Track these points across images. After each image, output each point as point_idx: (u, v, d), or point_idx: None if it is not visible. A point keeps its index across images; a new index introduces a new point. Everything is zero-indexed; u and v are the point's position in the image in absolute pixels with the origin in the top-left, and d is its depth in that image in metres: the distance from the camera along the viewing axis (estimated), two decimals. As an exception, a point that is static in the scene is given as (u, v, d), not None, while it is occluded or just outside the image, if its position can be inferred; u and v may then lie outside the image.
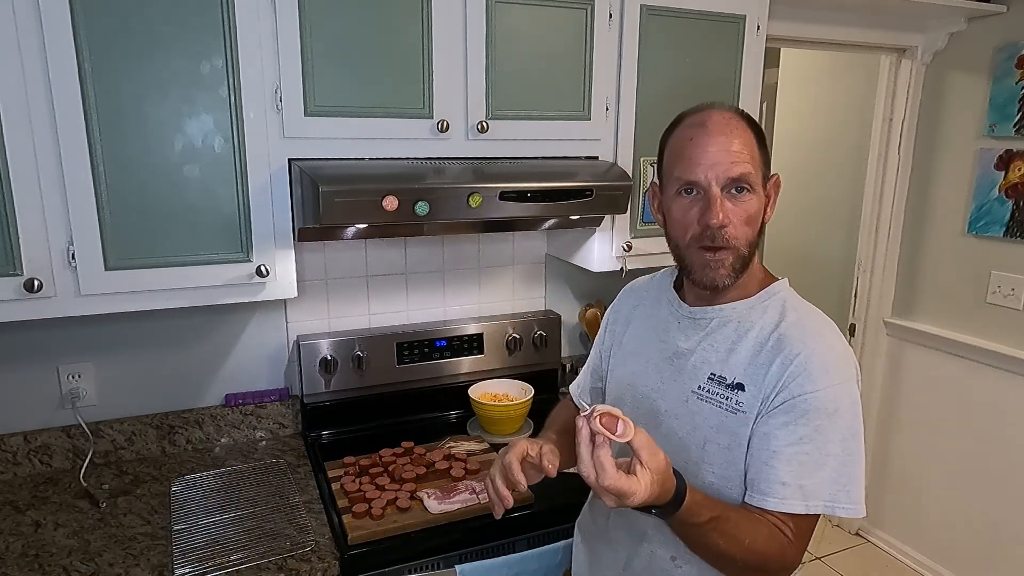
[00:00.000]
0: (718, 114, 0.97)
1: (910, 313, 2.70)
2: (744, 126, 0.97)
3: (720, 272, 0.97)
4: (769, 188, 1.00)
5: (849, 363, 0.95)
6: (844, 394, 0.92)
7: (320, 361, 1.76)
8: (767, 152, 0.99)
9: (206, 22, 1.28)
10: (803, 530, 0.93)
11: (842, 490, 0.92)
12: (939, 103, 2.52)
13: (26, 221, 1.23)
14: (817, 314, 1.01)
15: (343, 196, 1.30)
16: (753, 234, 0.98)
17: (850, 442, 0.92)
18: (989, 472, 2.46)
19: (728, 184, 0.95)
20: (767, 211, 1.00)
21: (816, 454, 0.91)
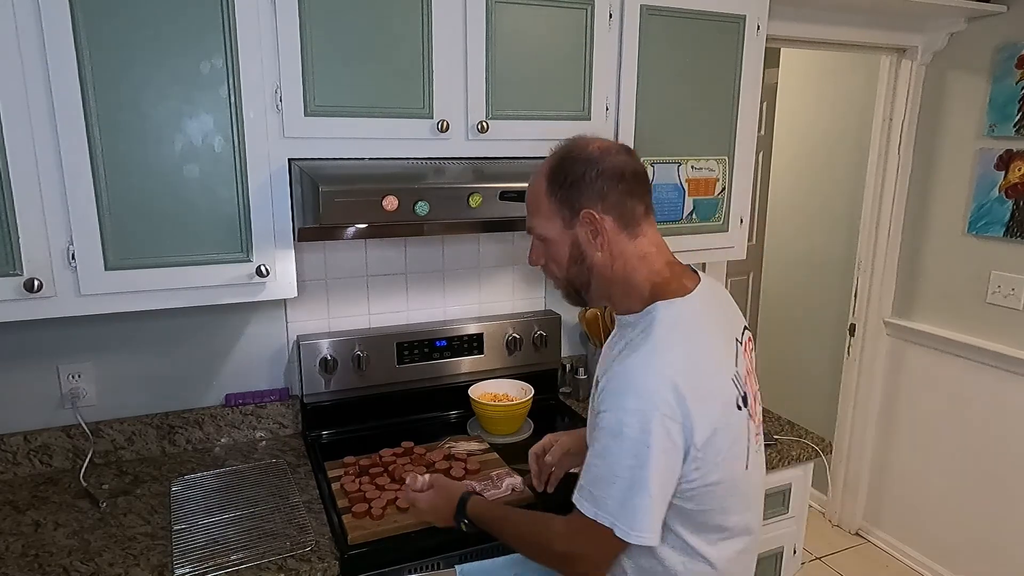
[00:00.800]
0: (537, 167, 1.09)
1: (910, 313, 2.70)
2: (540, 178, 1.07)
3: (561, 295, 1.14)
4: (581, 224, 1.04)
5: (649, 398, 0.93)
6: (633, 422, 0.93)
7: (320, 361, 1.76)
8: (570, 193, 1.03)
9: (206, 22, 1.28)
10: (584, 529, 0.99)
11: (626, 515, 0.95)
12: (939, 103, 2.52)
13: (26, 221, 1.23)
14: (660, 341, 0.98)
15: (343, 196, 1.30)
16: (564, 268, 1.08)
17: (636, 471, 0.94)
18: (989, 472, 2.46)
19: (530, 231, 1.10)
20: (591, 243, 1.04)
21: (606, 470, 0.96)
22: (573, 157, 1.04)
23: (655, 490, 0.95)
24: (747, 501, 1.09)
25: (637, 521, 0.95)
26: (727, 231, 1.91)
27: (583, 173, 1.02)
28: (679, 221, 1.83)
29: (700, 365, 0.99)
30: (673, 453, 0.95)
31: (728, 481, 1.03)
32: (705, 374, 0.99)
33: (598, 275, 1.07)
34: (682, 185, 1.81)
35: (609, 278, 1.06)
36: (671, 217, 1.82)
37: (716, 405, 0.98)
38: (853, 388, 2.89)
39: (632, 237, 1.05)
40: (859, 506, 2.97)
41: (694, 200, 1.83)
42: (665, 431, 0.94)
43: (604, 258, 1.05)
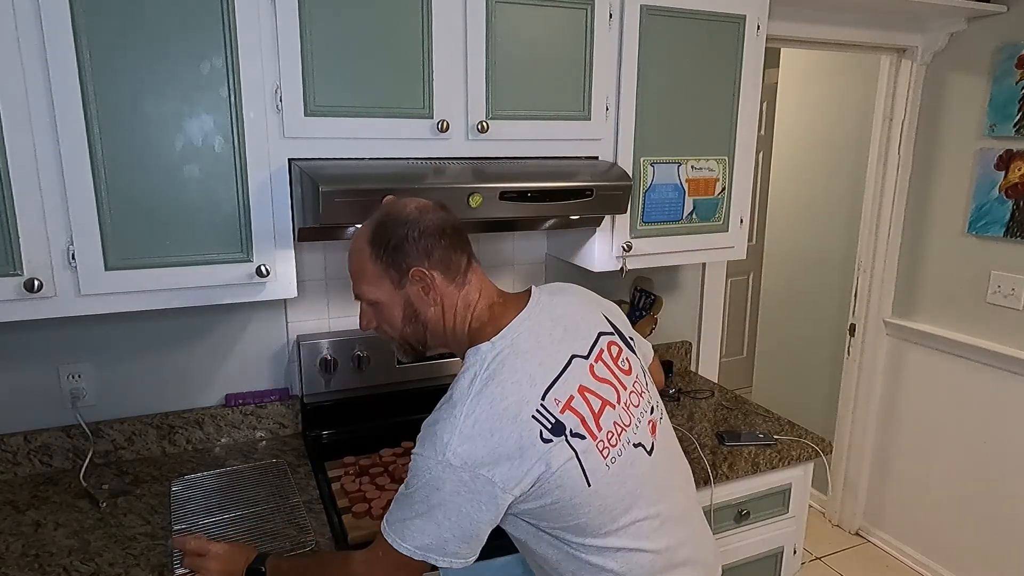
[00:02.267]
0: (353, 238, 1.12)
1: (910, 313, 2.70)
2: (362, 243, 1.09)
3: (399, 354, 1.19)
4: (412, 282, 1.07)
5: (442, 447, 0.97)
6: (421, 467, 0.99)
7: (320, 361, 1.76)
8: (395, 255, 1.06)
9: (206, 22, 1.28)
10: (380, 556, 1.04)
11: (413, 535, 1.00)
12: (939, 103, 2.52)
13: (26, 221, 1.23)
14: (462, 394, 1.01)
15: (343, 196, 1.30)
16: (398, 327, 1.11)
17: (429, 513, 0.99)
18: (989, 472, 2.46)
19: (358, 298, 1.13)
20: (424, 299, 1.08)
21: (405, 502, 1.02)
22: (393, 220, 1.07)
23: (458, 530, 0.99)
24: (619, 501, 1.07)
25: (407, 538, 1.00)
26: (727, 231, 1.91)
27: (405, 234, 1.06)
28: (679, 221, 1.83)
29: (493, 412, 0.99)
30: (476, 501, 0.98)
31: (569, 499, 1.02)
32: (500, 419, 0.99)
33: (433, 328, 1.11)
34: (682, 185, 1.81)
35: (443, 330, 1.11)
36: (671, 217, 1.82)
37: (510, 446, 0.98)
38: (853, 388, 2.89)
39: (459, 287, 1.09)
40: (859, 506, 2.97)
41: (694, 200, 1.83)
42: (459, 482, 0.97)
43: (437, 312, 1.09)
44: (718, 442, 1.78)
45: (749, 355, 4.11)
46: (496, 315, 1.10)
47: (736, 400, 2.09)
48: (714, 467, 1.65)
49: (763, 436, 1.78)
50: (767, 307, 3.51)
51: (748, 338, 4.19)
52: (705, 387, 2.22)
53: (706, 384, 2.26)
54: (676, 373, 2.32)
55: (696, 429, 1.86)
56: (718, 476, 1.63)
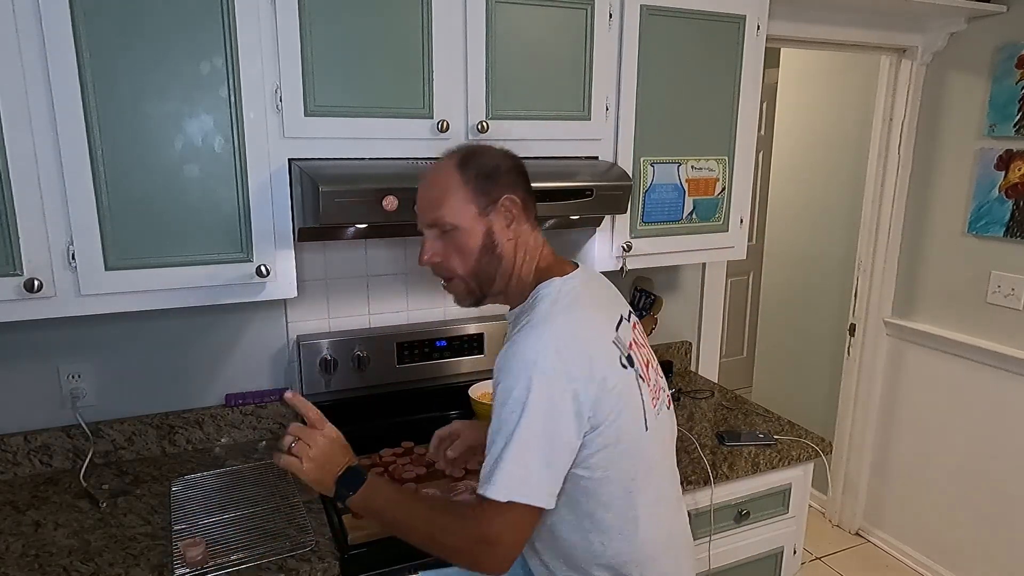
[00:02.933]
0: (429, 167, 1.12)
1: (910, 313, 2.70)
2: (450, 169, 1.08)
3: (457, 296, 1.14)
4: (500, 209, 1.08)
5: (531, 361, 0.97)
6: (517, 388, 0.97)
7: (320, 361, 1.76)
8: (486, 182, 1.07)
9: (206, 22, 1.28)
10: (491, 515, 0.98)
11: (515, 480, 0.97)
12: (939, 103, 2.52)
13: (26, 221, 1.23)
14: (545, 314, 1.03)
15: (343, 196, 1.30)
16: (472, 262, 1.08)
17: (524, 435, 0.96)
18: (989, 472, 2.46)
19: (431, 226, 1.09)
20: (504, 230, 1.09)
21: (497, 443, 0.98)
22: (481, 151, 1.10)
23: (545, 450, 0.97)
24: (651, 466, 1.10)
25: (524, 484, 0.97)
26: (727, 231, 1.91)
27: (496, 165, 1.09)
28: (679, 221, 1.83)
29: (579, 331, 1.02)
30: (562, 416, 0.98)
31: (628, 442, 1.05)
32: (585, 338, 1.02)
33: (504, 266, 1.10)
34: (682, 185, 1.81)
35: (510, 270, 1.11)
36: (671, 217, 1.82)
37: (599, 364, 1.01)
38: (853, 388, 2.89)
39: (532, 227, 1.13)
40: (859, 506, 2.97)
41: (694, 200, 1.83)
42: (550, 392, 0.97)
43: (510, 248, 1.10)
44: (718, 442, 1.78)
45: (749, 355, 4.11)
46: (559, 262, 1.14)
47: (736, 400, 2.09)
48: (714, 467, 1.65)
49: (763, 436, 1.78)
50: (767, 307, 3.51)
51: (748, 338, 4.19)
52: (705, 387, 2.22)
53: (706, 384, 2.26)
54: (676, 373, 2.32)
55: (696, 429, 1.86)
56: (718, 476, 1.63)
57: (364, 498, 1.07)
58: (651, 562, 1.12)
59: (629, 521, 1.08)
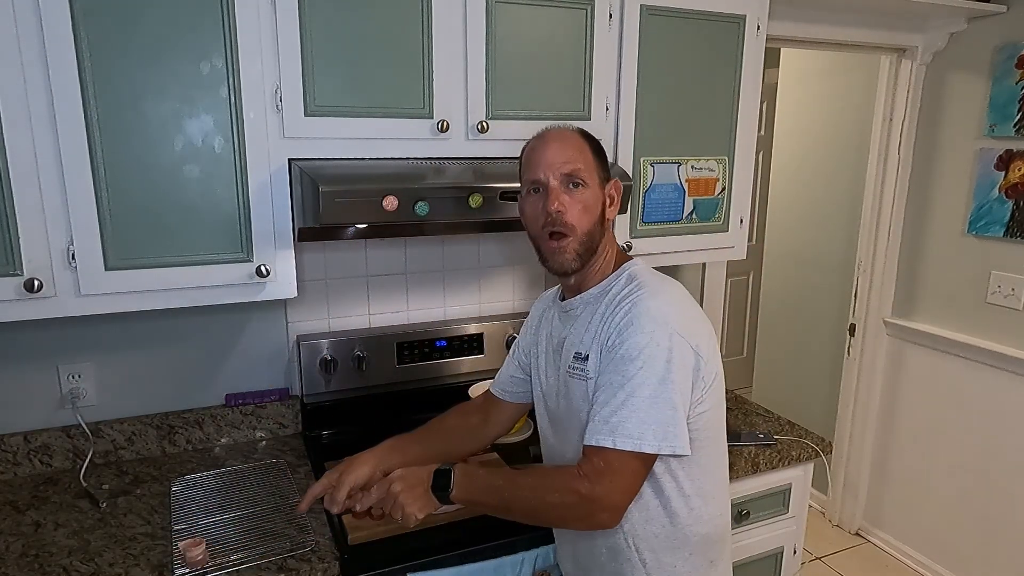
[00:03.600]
0: (556, 130, 1.16)
1: (910, 313, 2.70)
2: (578, 137, 1.14)
3: (566, 256, 1.12)
4: (609, 190, 1.16)
5: (658, 318, 1.03)
6: (651, 343, 1.02)
7: (320, 361, 1.76)
8: (603, 161, 1.15)
9: (206, 22, 1.28)
10: (612, 465, 1.01)
11: (649, 430, 1.00)
12: (939, 103, 2.52)
13: (26, 221, 1.23)
14: (655, 283, 1.11)
15: (343, 196, 1.30)
16: (591, 222, 1.12)
17: (658, 387, 1.01)
18: (989, 472, 2.46)
19: (563, 179, 1.11)
20: (609, 209, 1.15)
21: (623, 396, 1.01)
22: None
23: (677, 401, 1.02)
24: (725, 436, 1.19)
25: (661, 431, 1.00)
26: (727, 231, 1.91)
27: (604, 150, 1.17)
28: (679, 221, 1.83)
29: (688, 298, 1.12)
30: (687, 370, 1.04)
31: (721, 406, 1.14)
32: (693, 304, 1.12)
33: (605, 239, 1.16)
34: (682, 185, 1.81)
35: (607, 246, 1.17)
36: (671, 217, 1.82)
37: (708, 327, 1.10)
38: (853, 388, 2.89)
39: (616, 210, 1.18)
40: (859, 506, 2.97)
41: (694, 200, 1.83)
42: (680, 348, 1.02)
43: (608, 226, 1.17)
44: (718, 442, 1.78)
45: (749, 355, 4.11)
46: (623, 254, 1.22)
47: (736, 400, 2.09)
48: (714, 467, 1.65)
49: (763, 436, 1.78)
50: (767, 307, 3.51)
51: (748, 338, 4.19)
52: (705, 387, 2.21)
53: (706, 384, 2.25)
54: (676, 373, 2.32)
55: (696, 429, 1.86)
56: (718, 476, 1.63)
57: (461, 488, 1.07)
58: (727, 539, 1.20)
59: (720, 490, 1.16)
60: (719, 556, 1.18)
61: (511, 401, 1.40)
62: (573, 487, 1.01)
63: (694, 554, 1.14)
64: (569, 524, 1.09)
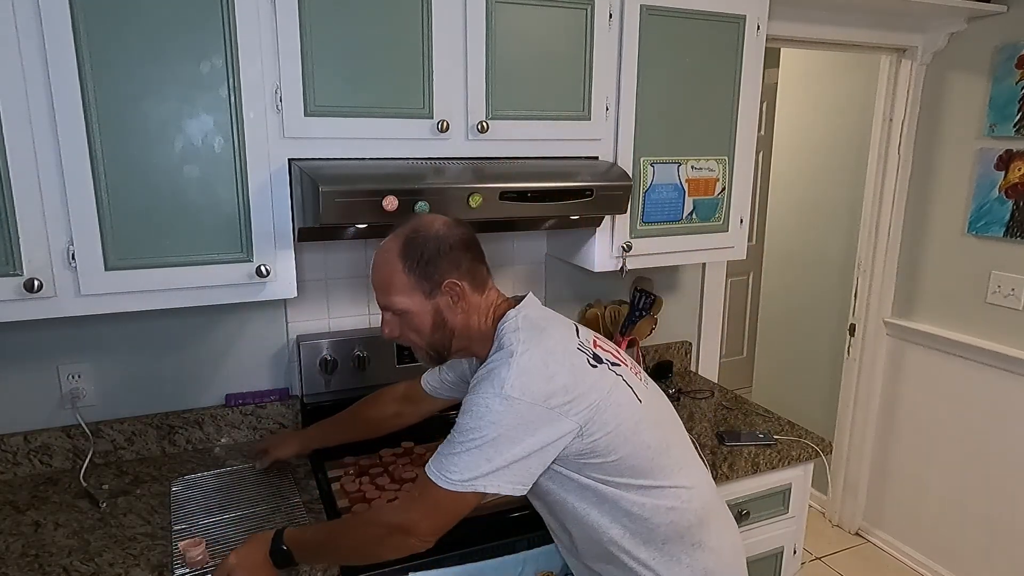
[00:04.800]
0: (379, 251, 1.17)
1: (910, 313, 2.70)
2: (393, 257, 1.14)
3: (424, 361, 1.24)
4: (444, 293, 1.15)
5: (498, 382, 1.06)
6: (478, 403, 1.06)
7: (320, 361, 1.76)
8: (428, 268, 1.13)
9: (206, 22, 1.28)
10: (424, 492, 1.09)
11: (454, 468, 1.06)
12: (939, 103, 2.52)
13: (26, 221, 1.23)
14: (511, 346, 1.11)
15: (343, 196, 1.30)
16: (427, 335, 1.17)
17: (477, 438, 1.05)
18: (989, 472, 2.46)
19: (385, 309, 1.17)
20: (452, 308, 1.16)
21: (449, 438, 1.09)
22: (423, 235, 1.14)
23: (490, 453, 1.04)
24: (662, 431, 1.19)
25: (464, 476, 1.05)
26: (727, 231, 1.91)
27: (437, 248, 1.14)
28: (679, 221, 1.83)
29: (545, 345, 1.11)
30: (522, 425, 1.05)
31: (627, 420, 1.12)
32: (551, 350, 1.11)
33: (459, 335, 1.19)
34: (682, 185, 1.81)
35: (468, 334, 1.19)
36: (671, 217, 1.82)
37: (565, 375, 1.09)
38: (853, 388, 2.89)
39: (481, 294, 1.19)
40: (859, 506, 2.97)
41: (694, 200, 1.83)
42: (512, 408, 1.04)
43: (463, 319, 1.17)
44: (718, 442, 1.78)
45: (749, 355, 4.10)
46: (507, 302, 1.22)
47: (736, 400, 2.09)
48: (714, 467, 1.65)
49: (763, 436, 1.79)
50: (767, 307, 3.51)
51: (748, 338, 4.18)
52: (705, 387, 2.22)
53: (706, 384, 2.26)
54: (676, 373, 2.32)
55: (696, 429, 1.86)
56: (718, 476, 1.63)
57: (292, 539, 1.17)
58: (706, 522, 1.20)
59: (667, 481, 1.17)
60: (704, 538, 1.19)
61: (438, 397, 1.49)
62: (383, 519, 1.12)
63: (668, 542, 1.17)
64: (387, 555, 1.14)
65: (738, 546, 1.27)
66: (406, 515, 1.10)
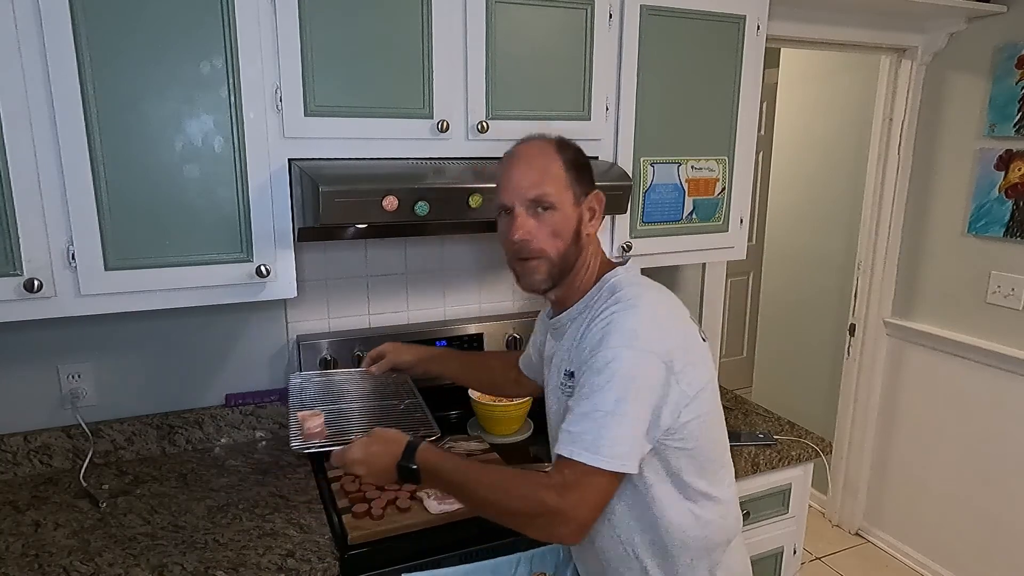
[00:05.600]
0: (526, 146, 1.11)
1: (910, 313, 2.70)
2: (551, 152, 1.09)
3: (536, 278, 1.11)
4: (589, 203, 1.11)
5: (630, 332, 1.00)
6: (615, 357, 0.99)
7: (320, 361, 1.76)
8: (582, 173, 1.10)
9: (206, 22, 1.28)
10: (579, 479, 0.97)
11: (604, 442, 0.97)
12: (939, 103, 2.52)
13: (26, 221, 1.23)
14: (632, 294, 1.07)
15: (343, 196, 1.30)
16: (563, 245, 1.09)
17: (623, 403, 0.98)
18: (989, 472, 2.46)
19: (529, 204, 1.07)
20: (588, 223, 1.11)
21: (588, 407, 0.99)
22: (573, 142, 1.11)
23: (633, 419, 0.98)
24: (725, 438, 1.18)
25: (613, 447, 0.97)
26: (727, 231, 1.91)
27: (587, 159, 1.11)
28: (679, 221, 1.83)
29: (670, 308, 1.09)
30: (654, 386, 1.00)
31: (714, 412, 1.11)
32: (676, 315, 1.09)
33: (582, 257, 1.12)
34: (682, 185, 1.81)
35: (586, 262, 1.13)
36: (671, 217, 1.82)
37: (690, 338, 1.07)
38: (853, 388, 2.89)
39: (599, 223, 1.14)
40: (859, 506, 2.97)
41: (694, 200, 1.83)
42: (646, 364, 0.99)
43: (588, 242, 1.13)
44: (718, 442, 1.78)
45: (749, 355, 4.11)
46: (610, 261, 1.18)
47: (736, 400, 2.09)
48: (714, 467, 1.65)
49: (763, 436, 1.78)
50: (767, 307, 3.51)
51: (748, 338, 4.19)
52: (705, 387, 2.21)
53: (706, 384, 2.25)
54: (676, 373, 2.32)
55: (696, 429, 1.86)
56: (718, 476, 1.63)
57: (427, 465, 1.06)
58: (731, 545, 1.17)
59: (723, 493, 1.14)
60: (720, 561, 1.15)
61: (526, 376, 1.46)
62: (539, 497, 0.98)
63: (696, 558, 1.12)
64: (527, 532, 1.03)
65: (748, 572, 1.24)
66: (563, 500, 0.96)
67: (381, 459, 1.08)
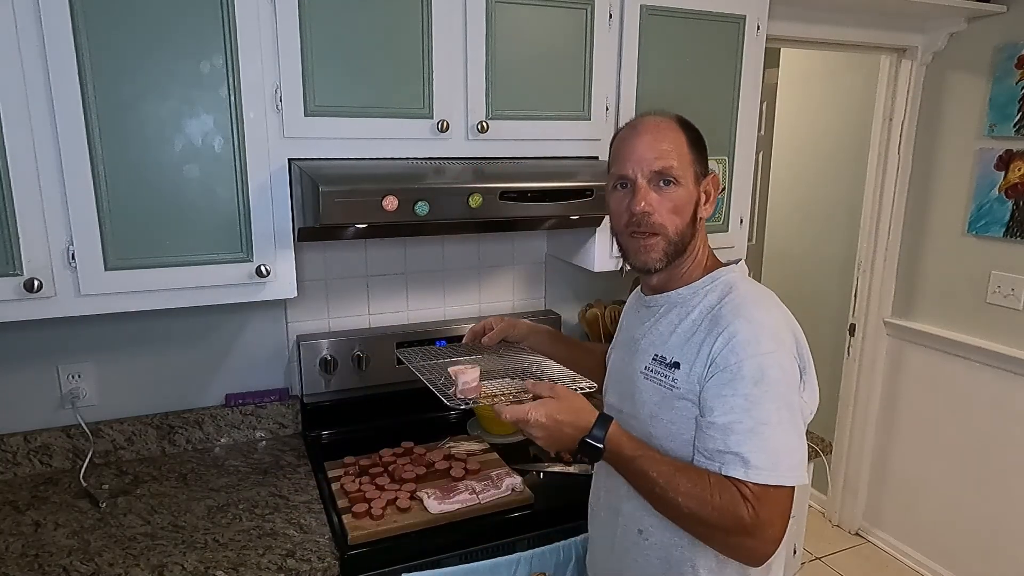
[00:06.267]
0: (650, 119, 1.08)
1: (910, 313, 2.70)
2: (675, 128, 1.07)
3: (652, 256, 1.06)
4: (706, 185, 1.09)
5: (777, 336, 0.98)
6: (770, 364, 0.96)
7: (320, 361, 1.76)
8: (702, 153, 1.08)
9: (206, 22, 1.28)
10: (763, 493, 0.94)
11: (779, 458, 0.94)
12: (939, 103, 2.52)
13: (26, 221, 1.23)
14: (758, 294, 1.05)
15: (343, 196, 1.30)
16: (682, 223, 1.05)
17: (782, 411, 0.96)
18: (989, 472, 2.46)
19: (653, 177, 1.04)
20: (703, 206, 1.08)
21: (750, 422, 0.95)
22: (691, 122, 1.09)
23: (799, 426, 0.98)
24: None
25: (790, 458, 0.95)
26: (727, 231, 1.91)
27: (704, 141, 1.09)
28: (679, 221, 1.83)
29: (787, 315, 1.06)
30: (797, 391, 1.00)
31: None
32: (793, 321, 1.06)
33: (696, 240, 1.09)
34: (682, 185, 1.80)
35: (697, 246, 1.10)
36: (671, 217, 1.81)
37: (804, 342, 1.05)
38: (853, 388, 2.89)
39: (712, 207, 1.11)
40: (859, 506, 2.97)
41: (694, 200, 1.83)
42: (793, 369, 0.99)
43: (700, 225, 1.09)
44: (718, 442, 1.78)
45: (749, 355, 4.10)
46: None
47: (736, 400, 2.09)
48: (714, 467, 1.65)
49: (763, 436, 1.78)
50: (767, 307, 3.50)
51: (748, 338, 4.18)
52: (705, 387, 2.21)
53: (706, 384, 2.25)
54: (676, 373, 2.32)
55: (696, 429, 1.86)
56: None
57: (616, 447, 1.01)
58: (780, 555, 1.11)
59: None
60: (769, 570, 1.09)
61: None
62: (738, 512, 0.93)
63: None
64: (713, 544, 0.99)
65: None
66: (759, 517, 0.93)
67: (566, 429, 1.02)
